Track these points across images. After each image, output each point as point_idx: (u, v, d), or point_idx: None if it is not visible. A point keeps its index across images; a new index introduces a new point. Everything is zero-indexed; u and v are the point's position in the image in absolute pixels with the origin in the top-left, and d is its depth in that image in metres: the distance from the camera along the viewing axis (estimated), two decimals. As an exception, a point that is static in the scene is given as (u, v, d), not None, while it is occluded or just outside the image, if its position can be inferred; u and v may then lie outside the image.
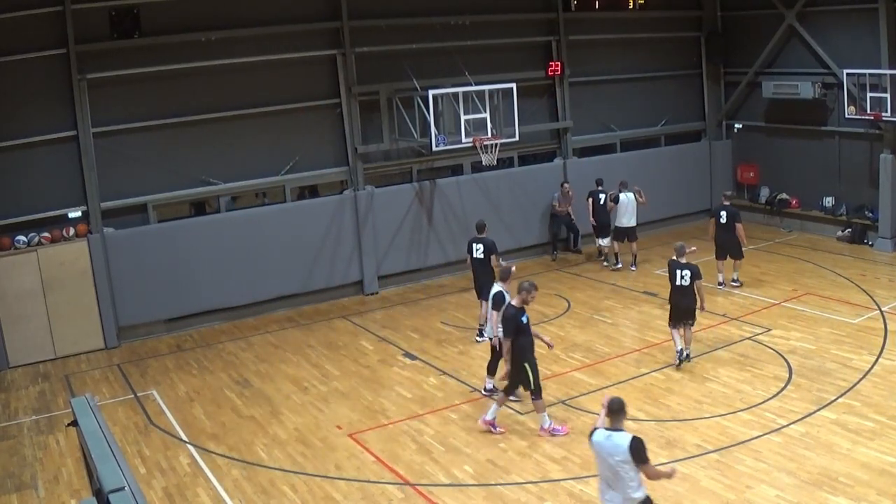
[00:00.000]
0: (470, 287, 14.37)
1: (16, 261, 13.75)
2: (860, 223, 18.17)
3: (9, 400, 12.48)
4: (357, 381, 12.40)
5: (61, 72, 13.89)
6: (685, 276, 11.72)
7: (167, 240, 14.93)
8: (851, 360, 11.72)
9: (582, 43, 19.03)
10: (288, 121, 15.99)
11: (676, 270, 11.82)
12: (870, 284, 15.24)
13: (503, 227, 17.90)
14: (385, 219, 16.84)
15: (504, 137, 15.93)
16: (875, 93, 16.49)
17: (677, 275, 11.78)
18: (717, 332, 13.33)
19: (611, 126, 19.93)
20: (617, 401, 6.82)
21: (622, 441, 6.60)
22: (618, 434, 6.67)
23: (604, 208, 17.40)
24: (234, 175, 15.56)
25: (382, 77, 16.30)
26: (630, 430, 10.04)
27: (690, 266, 11.78)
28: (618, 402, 6.81)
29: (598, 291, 16.08)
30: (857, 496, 8.26)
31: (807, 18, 18.55)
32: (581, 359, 12.60)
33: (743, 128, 20.95)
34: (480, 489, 9.01)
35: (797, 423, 9.95)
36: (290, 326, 15.29)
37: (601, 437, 6.74)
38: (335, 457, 10.02)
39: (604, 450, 6.69)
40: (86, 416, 5.45)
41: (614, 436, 6.67)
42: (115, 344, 14.56)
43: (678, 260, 11.88)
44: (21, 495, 9.47)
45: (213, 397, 12.13)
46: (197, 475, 9.72)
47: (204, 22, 14.85)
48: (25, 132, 13.73)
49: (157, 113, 14.79)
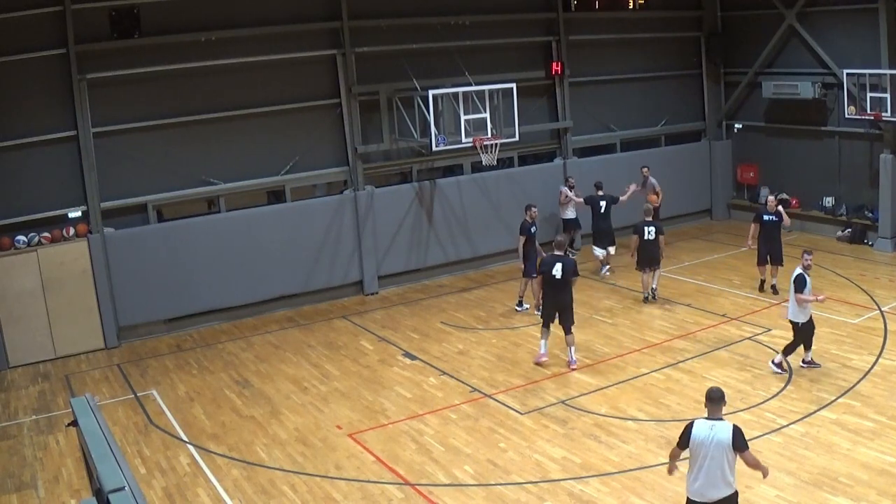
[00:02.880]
0: (469, 287, 14.39)
1: (16, 261, 13.75)
2: (860, 223, 18.17)
3: (9, 400, 12.48)
4: (357, 381, 12.40)
5: (61, 72, 13.89)
6: (651, 231, 14.73)
7: (167, 240, 14.93)
8: (851, 360, 11.72)
9: (582, 43, 19.03)
10: (288, 121, 15.99)
11: (644, 227, 14.80)
12: (870, 284, 15.24)
13: (503, 227, 17.91)
14: (385, 219, 16.84)
15: (504, 137, 15.94)
16: (875, 93, 16.51)
17: (645, 231, 14.74)
18: (717, 332, 13.33)
19: (611, 126, 19.93)
20: (717, 390, 7.01)
21: (725, 429, 6.80)
22: (720, 423, 6.86)
23: (604, 216, 16.97)
24: (234, 175, 15.56)
25: (382, 77, 16.30)
26: (630, 430, 10.17)
27: (656, 224, 14.97)
28: (718, 391, 7.00)
29: (598, 291, 16.08)
30: (857, 496, 8.27)
31: (807, 18, 18.55)
32: (581, 359, 12.59)
33: (743, 128, 20.95)
34: (480, 489, 9.01)
35: (797, 423, 9.96)
36: (290, 326, 15.29)
37: (704, 427, 6.87)
38: (335, 457, 10.02)
39: (707, 439, 6.81)
40: (86, 416, 5.44)
41: (717, 425, 6.85)
42: (115, 344, 14.57)
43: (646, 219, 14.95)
44: (21, 495, 9.47)
45: (213, 397, 12.13)
46: (197, 475, 9.73)
47: (204, 22, 14.85)
48: (25, 132, 13.73)
49: (157, 113, 14.79)
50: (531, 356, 12.79)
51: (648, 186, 18.37)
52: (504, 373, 12.19)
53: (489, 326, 14.54)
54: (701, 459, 6.87)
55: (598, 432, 10.19)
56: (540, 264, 12.90)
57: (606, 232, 17.01)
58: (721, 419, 6.93)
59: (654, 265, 14.99)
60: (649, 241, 14.67)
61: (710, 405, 6.98)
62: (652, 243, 14.70)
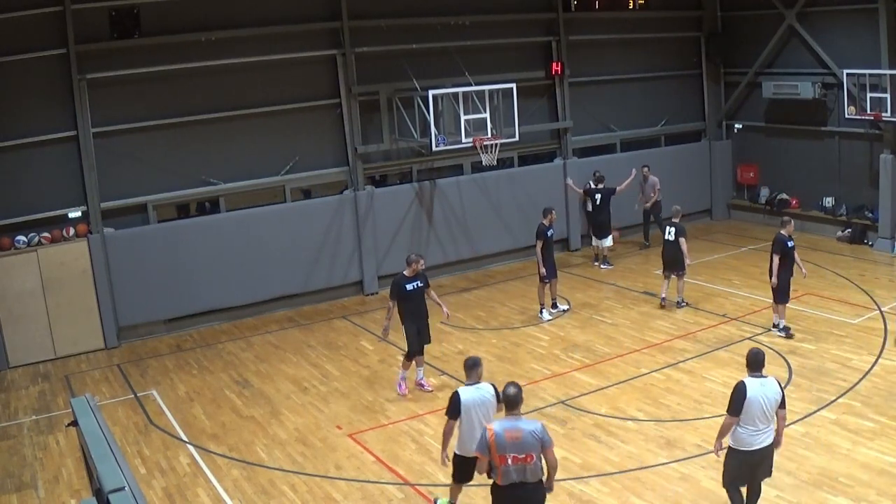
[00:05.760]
0: (469, 287, 14.38)
1: (16, 261, 13.75)
2: (860, 223, 18.16)
3: (9, 400, 12.48)
4: (357, 381, 12.40)
5: (61, 72, 13.89)
6: (671, 231, 14.27)
7: (167, 240, 14.93)
8: (851, 360, 11.72)
9: (582, 43, 19.03)
10: (288, 121, 15.99)
11: (666, 227, 14.47)
12: (870, 284, 15.24)
13: (503, 227, 17.94)
14: (385, 219, 16.84)
15: (504, 137, 15.93)
16: (875, 93, 16.51)
17: (666, 230, 14.37)
18: (717, 332, 13.33)
19: (611, 126, 19.93)
20: (759, 351, 7.59)
21: (774, 385, 7.43)
22: (768, 380, 7.45)
23: (600, 208, 17.35)
24: (234, 175, 15.56)
25: (382, 77, 16.30)
26: (630, 430, 10.17)
27: (678, 225, 14.21)
28: (759, 352, 7.57)
29: (598, 291, 16.08)
30: (857, 496, 8.27)
31: (807, 18, 18.55)
32: (581, 359, 12.61)
33: (743, 128, 20.95)
34: (480, 489, 8.99)
35: (797, 423, 9.95)
36: (290, 326, 15.29)
37: (757, 384, 7.39)
38: (335, 457, 10.02)
39: (761, 395, 7.33)
40: (86, 416, 5.44)
41: (766, 381, 7.42)
42: (115, 344, 14.57)
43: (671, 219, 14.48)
44: (21, 495, 9.47)
45: (213, 397, 12.13)
46: (197, 475, 9.73)
47: (204, 22, 14.86)
48: (25, 132, 13.74)
49: (157, 113, 14.80)
50: (531, 356, 12.80)
51: (649, 185, 18.42)
52: (504, 373, 12.17)
53: (489, 326, 14.53)
54: (751, 414, 7.35)
55: (598, 432, 10.19)
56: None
57: (599, 224, 17.44)
58: (766, 376, 7.50)
59: (675, 269, 14.37)
60: (668, 241, 14.28)
61: (754, 367, 7.50)
62: (672, 244, 14.20)
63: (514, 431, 6.70)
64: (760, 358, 7.51)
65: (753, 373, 7.45)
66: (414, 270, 11.37)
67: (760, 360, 7.50)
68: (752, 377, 7.43)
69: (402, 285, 11.33)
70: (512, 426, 6.74)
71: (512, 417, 6.82)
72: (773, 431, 7.44)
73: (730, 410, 7.43)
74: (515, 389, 6.88)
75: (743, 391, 7.33)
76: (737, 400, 7.36)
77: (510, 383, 6.98)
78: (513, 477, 6.77)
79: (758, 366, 7.47)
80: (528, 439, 6.68)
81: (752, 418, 7.32)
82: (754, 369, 7.46)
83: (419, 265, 11.42)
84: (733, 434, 7.49)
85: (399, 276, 11.43)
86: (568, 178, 18.47)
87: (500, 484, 6.84)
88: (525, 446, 6.69)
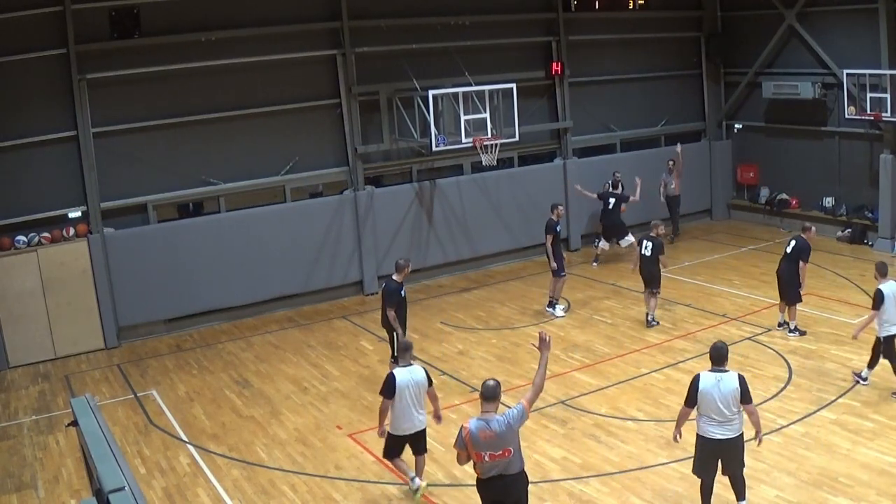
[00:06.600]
0: (469, 287, 14.37)
1: (16, 261, 13.75)
2: (860, 223, 18.16)
3: (9, 400, 12.48)
4: (357, 381, 12.40)
5: (61, 72, 13.88)
6: (647, 247, 13.63)
7: (167, 240, 14.93)
8: (851, 361, 11.71)
9: (582, 43, 19.02)
10: (288, 121, 15.98)
11: (643, 241, 13.84)
12: (870, 284, 15.13)
13: (503, 227, 17.93)
14: (385, 219, 16.84)
15: (504, 137, 15.93)
16: (875, 93, 16.50)
17: (643, 244, 13.75)
18: (717, 332, 13.32)
19: (611, 126, 19.93)
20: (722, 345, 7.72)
21: (733, 381, 7.48)
22: (727, 374, 7.52)
23: (610, 211, 17.51)
24: (234, 175, 15.56)
25: (382, 77, 16.30)
26: (630, 430, 10.16)
27: (655, 240, 13.57)
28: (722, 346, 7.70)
29: (598, 291, 16.07)
30: (857, 496, 8.27)
31: (807, 19, 18.55)
32: (581, 359, 12.61)
33: (743, 128, 20.94)
34: (480, 489, 9.00)
35: (797, 423, 9.96)
36: (290, 326, 15.29)
37: (712, 378, 7.51)
38: (335, 457, 10.02)
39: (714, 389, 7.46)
40: (86, 416, 5.43)
41: (724, 376, 7.49)
42: (115, 344, 14.57)
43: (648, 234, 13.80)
44: (21, 495, 9.48)
45: (213, 397, 12.13)
46: (197, 475, 9.73)
47: (204, 22, 14.85)
48: (25, 132, 13.73)
49: (157, 113, 14.79)
50: (531, 356, 12.78)
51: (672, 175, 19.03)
52: (504, 373, 12.17)
53: (489, 326, 14.54)
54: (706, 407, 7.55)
55: (598, 432, 10.19)
56: None
57: (609, 227, 17.69)
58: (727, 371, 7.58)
59: (651, 286, 13.70)
60: (645, 256, 13.69)
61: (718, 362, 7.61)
62: (648, 260, 13.65)
63: (488, 431, 6.78)
64: (723, 352, 7.63)
65: (714, 367, 7.61)
66: (404, 275, 11.46)
67: (723, 353, 7.63)
68: (711, 371, 7.60)
69: (399, 291, 11.39)
70: (485, 426, 6.80)
71: (486, 415, 6.87)
72: (738, 425, 7.54)
73: (685, 401, 7.79)
74: (494, 383, 7.00)
75: (696, 384, 7.60)
76: (690, 391, 7.66)
77: (491, 378, 7.13)
78: (492, 471, 6.91)
79: (719, 360, 7.60)
80: (501, 436, 6.78)
81: (708, 410, 7.54)
82: (715, 363, 7.62)
83: (409, 269, 11.62)
84: (697, 422, 7.76)
85: (392, 283, 11.39)
86: (576, 185, 18.41)
87: (482, 477, 7.00)
88: (500, 443, 6.79)
